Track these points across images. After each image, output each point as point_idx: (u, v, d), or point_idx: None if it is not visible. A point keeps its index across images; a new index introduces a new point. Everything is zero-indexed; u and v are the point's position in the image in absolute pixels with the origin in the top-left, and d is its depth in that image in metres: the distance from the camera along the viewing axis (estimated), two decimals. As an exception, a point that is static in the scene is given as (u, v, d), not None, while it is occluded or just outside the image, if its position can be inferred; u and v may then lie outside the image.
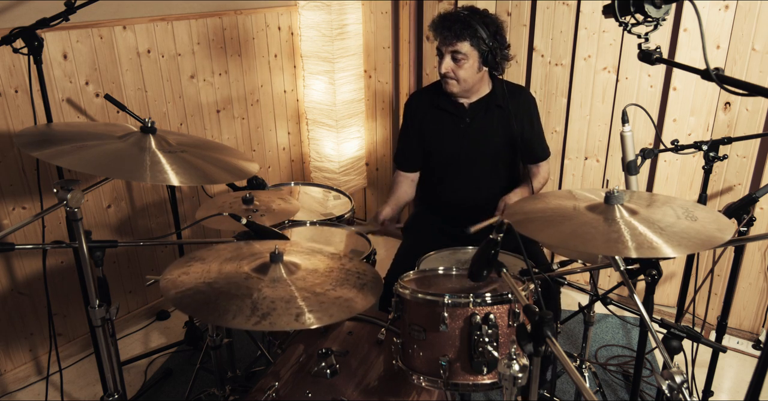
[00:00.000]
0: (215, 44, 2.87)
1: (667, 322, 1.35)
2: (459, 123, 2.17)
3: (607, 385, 2.31)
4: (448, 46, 2.01)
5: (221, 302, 1.19)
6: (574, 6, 2.65)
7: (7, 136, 2.20)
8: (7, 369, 2.36)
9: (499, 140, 2.17)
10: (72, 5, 1.82)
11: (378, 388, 1.49)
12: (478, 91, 2.15)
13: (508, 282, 1.23)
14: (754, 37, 2.28)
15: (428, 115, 2.22)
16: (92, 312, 1.43)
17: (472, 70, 2.05)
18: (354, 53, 3.30)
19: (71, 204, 1.31)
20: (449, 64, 2.04)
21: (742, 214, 1.68)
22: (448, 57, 2.03)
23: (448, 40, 2.00)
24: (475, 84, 2.11)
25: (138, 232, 2.73)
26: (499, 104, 2.14)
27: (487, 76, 2.14)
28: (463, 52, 2.00)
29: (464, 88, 2.10)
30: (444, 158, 2.23)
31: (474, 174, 2.21)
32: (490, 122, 2.15)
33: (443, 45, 2.03)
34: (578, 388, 1.62)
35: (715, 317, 2.09)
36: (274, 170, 3.42)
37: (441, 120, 2.19)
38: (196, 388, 2.23)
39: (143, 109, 2.63)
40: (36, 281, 2.37)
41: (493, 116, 2.15)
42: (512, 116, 2.12)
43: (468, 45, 1.99)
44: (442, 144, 2.22)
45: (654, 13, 1.27)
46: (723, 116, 2.45)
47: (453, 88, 2.10)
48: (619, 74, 2.63)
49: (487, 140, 2.16)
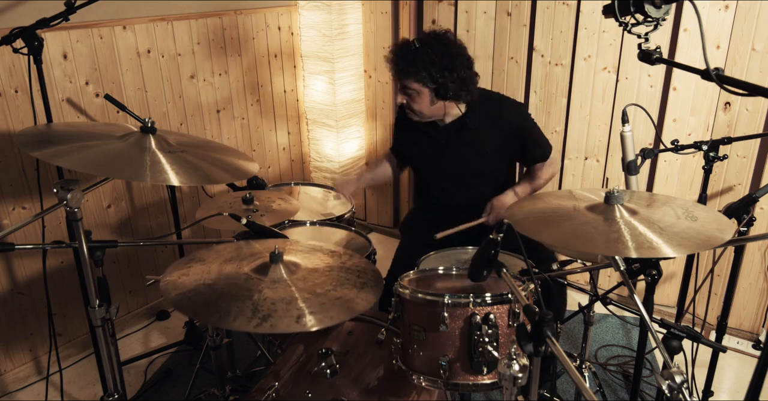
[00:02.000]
0: (215, 44, 2.87)
1: (667, 322, 1.35)
2: (436, 143, 2.14)
3: (607, 385, 2.31)
4: (398, 81, 1.97)
5: (222, 304, 1.19)
6: (574, 6, 2.65)
7: (7, 136, 2.20)
8: (7, 369, 2.36)
9: (477, 159, 2.12)
10: (72, 5, 1.82)
11: (378, 388, 1.49)
12: (449, 114, 2.08)
13: (507, 282, 1.23)
14: (754, 37, 2.28)
15: (409, 133, 2.21)
16: (92, 312, 1.43)
17: (425, 105, 1.98)
18: (354, 53, 3.30)
19: (71, 204, 1.31)
20: (402, 97, 2.00)
21: (742, 214, 1.68)
22: (400, 90, 1.99)
23: (395, 74, 1.96)
24: (435, 113, 2.04)
25: (138, 232, 2.73)
26: (474, 126, 2.06)
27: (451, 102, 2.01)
28: (412, 88, 1.94)
29: (424, 118, 2.05)
30: (428, 173, 2.24)
31: (459, 184, 2.19)
32: (465, 143, 2.10)
33: (395, 78, 1.99)
34: (578, 388, 1.62)
35: (715, 317, 2.09)
36: (274, 170, 3.42)
37: (420, 140, 2.18)
38: (196, 388, 2.23)
39: (143, 109, 2.63)
40: (36, 281, 2.37)
41: (468, 138, 2.09)
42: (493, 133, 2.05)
43: (413, 82, 1.92)
44: (423, 161, 2.22)
45: (654, 13, 1.27)
46: (723, 116, 2.45)
47: (413, 117, 2.06)
48: (619, 74, 2.63)
49: (465, 159, 2.13)
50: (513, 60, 2.89)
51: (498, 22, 2.89)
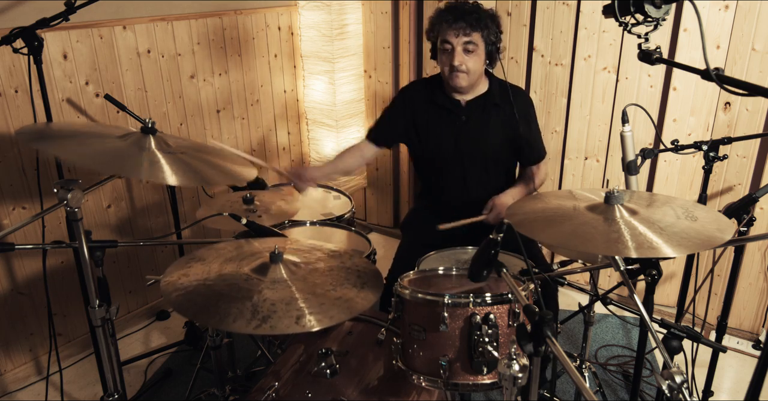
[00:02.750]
0: (215, 44, 2.87)
1: (667, 322, 1.35)
2: (455, 120, 2.13)
3: (607, 385, 2.31)
4: (462, 37, 1.98)
5: (221, 305, 1.18)
6: (574, 6, 2.65)
7: (8, 136, 2.20)
8: (7, 369, 2.36)
9: (496, 140, 2.13)
10: (72, 5, 1.82)
11: (378, 388, 1.49)
12: (475, 89, 2.13)
13: (507, 282, 1.23)
14: (754, 37, 2.28)
15: (423, 108, 2.18)
16: (92, 312, 1.43)
17: (481, 63, 2.04)
18: (354, 53, 3.30)
19: (71, 204, 1.31)
20: (462, 56, 2.01)
21: (742, 214, 1.68)
22: (459, 48, 2.00)
23: (462, 30, 1.98)
24: (479, 77, 2.09)
25: (138, 232, 2.73)
26: (496, 103, 2.11)
27: (484, 72, 2.12)
28: (476, 42, 1.98)
29: (471, 82, 2.07)
30: (437, 155, 2.19)
31: (467, 172, 2.17)
32: (488, 120, 2.12)
33: (455, 36, 1.99)
34: (578, 388, 1.62)
35: (715, 317, 2.09)
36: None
37: (437, 116, 2.16)
38: (196, 388, 2.23)
39: (143, 109, 2.63)
40: (36, 281, 2.37)
41: (491, 115, 2.12)
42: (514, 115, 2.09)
43: (479, 36, 1.99)
44: (435, 140, 2.17)
45: (654, 13, 1.27)
46: (723, 116, 2.45)
47: (462, 82, 2.05)
48: (619, 74, 2.63)
49: (484, 138, 2.13)
50: (513, 60, 2.89)
51: (498, 22, 2.88)
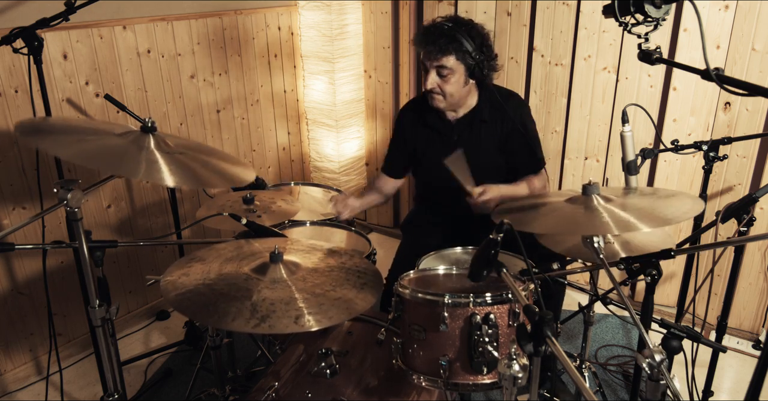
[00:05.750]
0: (215, 44, 2.87)
1: (667, 322, 1.35)
2: (447, 141, 2.12)
3: (607, 385, 2.31)
4: (433, 61, 1.93)
5: (221, 304, 1.19)
6: (574, 6, 2.65)
7: (8, 136, 2.20)
8: (7, 369, 2.36)
9: (487, 157, 2.11)
10: (72, 5, 1.82)
11: (378, 388, 1.49)
12: (465, 105, 2.09)
13: (508, 282, 1.23)
14: (754, 37, 2.28)
15: (417, 132, 2.18)
16: (92, 312, 1.43)
17: (458, 85, 1.97)
18: (354, 53, 3.30)
19: (71, 204, 1.31)
20: (434, 80, 1.96)
21: (742, 214, 1.68)
22: (433, 72, 1.95)
23: (432, 54, 1.92)
24: (462, 98, 2.04)
25: (138, 232, 2.73)
26: (484, 119, 2.07)
27: (474, 88, 2.07)
28: (449, 66, 1.92)
29: (451, 103, 2.03)
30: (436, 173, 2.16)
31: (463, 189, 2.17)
32: (478, 137, 2.10)
33: (428, 60, 1.95)
34: (578, 388, 1.62)
35: (715, 317, 2.09)
36: (274, 170, 3.42)
37: (431, 139, 2.16)
38: (196, 388, 2.23)
39: (143, 109, 2.63)
40: (36, 281, 2.37)
41: (480, 131, 2.09)
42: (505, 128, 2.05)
43: (453, 59, 1.92)
44: (432, 160, 2.16)
45: (654, 13, 1.27)
46: (723, 116, 2.44)
47: (439, 104, 2.03)
48: (619, 74, 2.63)
49: (475, 156, 2.08)
50: (513, 60, 2.89)
51: (498, 22, 2.88)
